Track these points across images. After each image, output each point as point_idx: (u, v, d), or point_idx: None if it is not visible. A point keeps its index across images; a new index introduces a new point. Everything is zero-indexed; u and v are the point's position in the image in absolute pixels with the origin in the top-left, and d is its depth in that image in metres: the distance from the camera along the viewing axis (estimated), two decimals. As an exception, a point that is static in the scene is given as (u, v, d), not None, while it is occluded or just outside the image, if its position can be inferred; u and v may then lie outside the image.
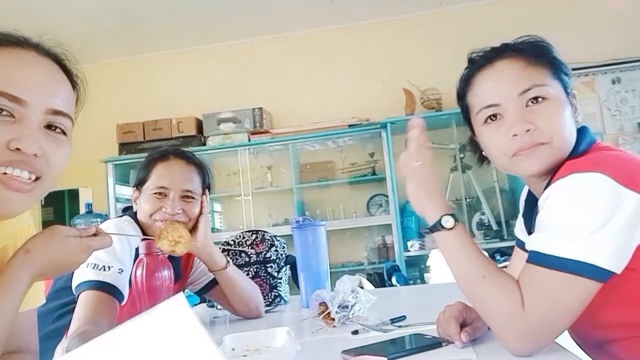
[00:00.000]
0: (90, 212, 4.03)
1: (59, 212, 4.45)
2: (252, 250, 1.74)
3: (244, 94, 4.29)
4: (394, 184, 3.79)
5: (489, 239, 3.71)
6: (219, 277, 1.45)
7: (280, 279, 1.76)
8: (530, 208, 1.02)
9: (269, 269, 1.74)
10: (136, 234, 1.31)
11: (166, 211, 1.32)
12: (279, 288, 1.74)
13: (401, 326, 1.14)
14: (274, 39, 4.42)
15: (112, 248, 1.22)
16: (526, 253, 0.86)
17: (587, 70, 3.87)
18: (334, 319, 1.22)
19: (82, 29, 4.00)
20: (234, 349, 0.97)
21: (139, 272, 1.06)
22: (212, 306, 1.76)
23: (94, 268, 1.19)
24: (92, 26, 3.99)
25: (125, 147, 4.17)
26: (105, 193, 4.18)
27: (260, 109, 4.10)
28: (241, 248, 1.74)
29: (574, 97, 0.97)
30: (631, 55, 3.87)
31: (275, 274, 1.74)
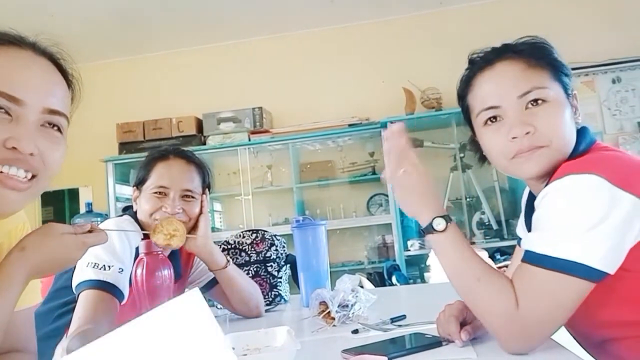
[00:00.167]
0: (90, 212, 4.04)
1: (59, 212, 4.45)
2: (252, 249, 1.74)
3: (244, 94, 4.29)
4: (394, 183, 3.79)
5: (489, 238, 3.71)
6: (219, 277, 1.45)
7: (281, 278, 1.76)
8: (530, 208, 1.02)
9: (269, 268, 1.74)
10: (136, 233, 1.31)
11: (166, 210, 1.32)
12: (279, 287, 1.74)
13: (401, 325, 1.14)
14: (274, 39, 4.42)
15: (113, 247, 1.23)
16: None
17: (587, 70, 3.87)
18: (334, 318, 1.22)
19: (82, 28, 4.00)
20: (234, 348, 0.97)
21: (139, 272, 1.06)
22: (212, 305, 1.76)
23: (94, 267, 1.19)
24: (92, 26, 3.99)
25: (125, 147, 4.18)
26: (105, 192, 4.18)
27: (260, 108, 4.10)
28: (241, 247, 1.75)
29: (575, 98, 0.97)
30: (631, 55, 3.87)
31: (276, 273, 1.74)
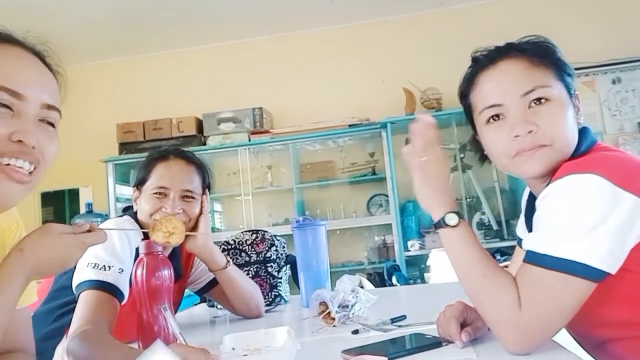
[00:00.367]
0: (90, 212, 4.04)
1: (59, 212, 4.45)
2: (252, 249, 1.74)
3: (244, 94, 4.29)
4: (394, 183, 3.79)
5: (489, 238, 3.71)
6: (219, 277, 1.45)
7: (281, 278, 1.76)
8: (530, 208, 1.02)
9: (269, 269, 1.74)
10: (137, 233, 1.31)
11: (166, 211, 1.32)
12: (279, 288, 1.74)
13: (401, 326, 1.14)
14: (274, 39, 4.42)
15: (113, 247, 1.23)
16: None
17: (587, 70, 3.87)
18: (334, 319, 1.22)
19: (82, 28, 4.00)
20: (234, 348, 0.97)
21: (139, 272, 1.06)
22: (212, 306, 1.76)
23: (94, 267, 1.19)
24: (92, 26, 3.99)
25: (126, 147, 4.17)
26: (106, 193, 4.18)
27: (260, 108, 4.10)
28: (241, 248, 1.75)
29: (577, 98, 0.97)
30: (631, 55, 3.87)
31: (276, 273, 1.74)
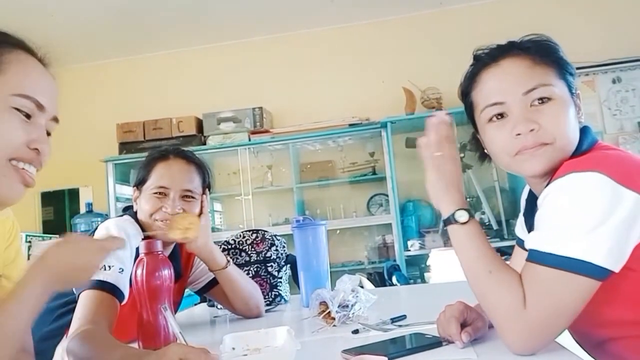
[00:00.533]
0: (90, 212, 4.04)
1: (59, 212, 4.44)
2: (253, 249, 1.74)
3: (244, 94, 4.29)
4: (394, 183, 3.79)
5: (489, 238, 3.59)
6: (219, 277, 1.45)
7: (281, 278, 1.76)
8: (530, 207, 1.02)
9: (269, 269, 1.74)
10: (137, 233, 1.31)
11: (166, 211, 1.33)
12: (279, 287, 1.74)
13: (401, 326, 1.14)
14: (274, 39, 4.42)
15: (113, 247, 1.23)
16: (526, 252, 0.86)
17: (587, 69, 3.87)
18: (334, 319, 1.22)
19: (82, 28, 4.00)
20: (234, 348, 0.98)
21: (139, 272, 1.06)
22: (213, 305, 1.76)
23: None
24: (92, 26, 3.99)
25: (126, 147, 4.17)
26: (106, 192, 4.18)
27: (260, 108, 4.10)
28: (241, 247, 1.75)
29: (578, 97, 0.97)
30: (631, 55, 3.87)
31: (276, 273, 1.74)
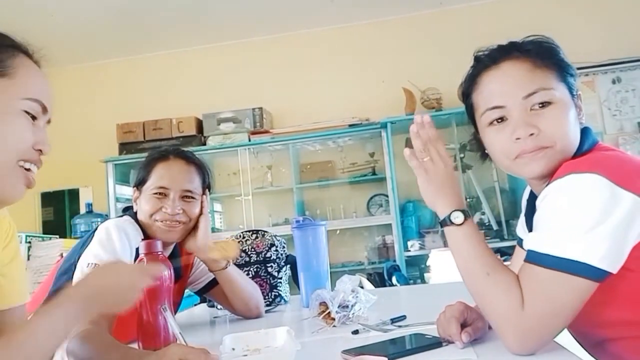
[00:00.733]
0: (90, 212, 4.04)
1: (59, 212, 4.44)
2: (252, 250, 1.74)
3: (244, 94, 4.29)
4: (394, 183, 3.79)
5: (489, 238, 3.70)
6: (219, 277, 1.45)
7: (281, 278, 1.76)
8: (531, 207, 1.02)
9: (269, 269, 1.74)
10: (137, 233, 1.31)
11: (166, 211, 1.32)
12: (279, 288, 1.74)
13: (401, 326, 1.14)
14: (274, 39, 4.42)
15: (113, 247, 1.23)
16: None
17: (587, 70, 3.87)
18: (334, 319, 1.22)
19: (82, 28, 4.00)
20: (234, 348, 0.98)
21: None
22: (212, 306, 1.76)
23: (94, 268, 1.19)
24: (92, 26, 3.99)
25: (126, 147, 4.17)
26: (106, 193, 4.18)
27: (261, 108, 4.10)
28: (241, 248, 1.75)
29: (579, 98, 0.97)
30: (631, 55, 3.87)
31: (276, 273, 1.74)
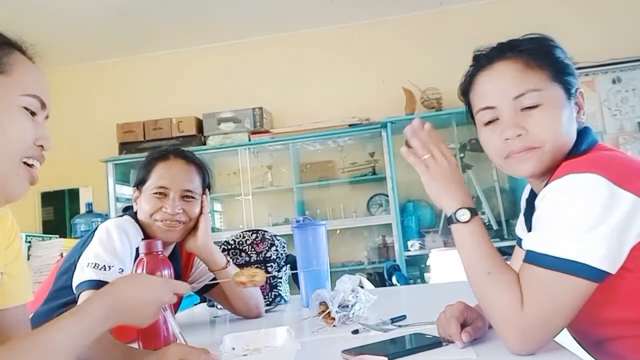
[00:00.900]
0: (90, 212, 4.04)
1: (59, 212, 4.44)
2: (252, 249, 1.74)
3: (244, 94, 4.29)
4: (394, 183, 3.79)
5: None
6: (219, 277, 1.45)
7: (281, 278, 1.76)
8: (530, 207, 1.02)
9: (269, 269, 1.74)
10: (137, 233, 1.31)
11: (166, 211, 1.33)
12: (279, 287, 1.74)
13: (401, 326, 1.14)
14: (274, 39, 4.42)
15: (113, 247, 1.23)
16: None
17: (587, 70, 3.87)
18: (334, 319, 1.22)
19: (82, 28, 4.00)
20: (234, 348, 0.98)
21: (139, 272, 1.06)
22: (212, 306, 1.77)
23: (94, 267, 1.19)
24: (92, 26, 3.99)
25: (126, 147, 4.17)
26: (106, 193, 4.18)
27: (261, 108, 4.10)
28: (241, 248, 1.75)
29: (581, 96, 0.97)
30: (631, 55, 3.87)
31: (276, 273, 1.74)
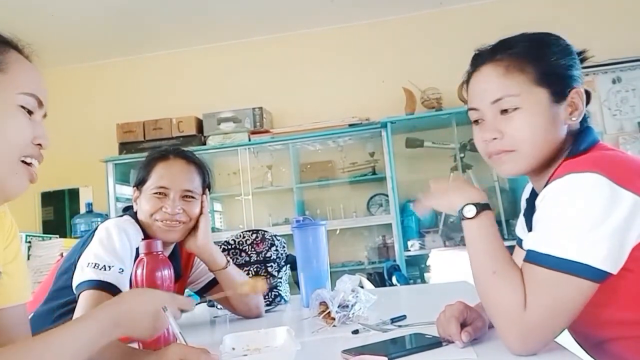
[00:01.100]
0: (90, 212, 4.03)
1: (59, 212, 4.44)
2: (252, 249, 1.74)
3: (244, 94, 4.29)
4: (394, 183, 3.79)
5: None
6: (219, 277, 1.45)
7: (281, 278, 1.76)
8: (531, 207, 1.02)
9: (269, 269, 1.74)
10: (137, 233, 1.31)
11: (166, 211, 1.33)
12: (279, 287, 1.74)
13: (401, 326, 1.14)
14: (274, 39, 4.42)
15: (113, 247, 1.23)
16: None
17: (587, 70, 3.83)
18: (334, 319, 1.22)
19: (82, 28, 4.00)
20: (234, 348, 0.98)
21: (139, 272, 1.06)
22: (212, 306, 1.77)
23: (94, 267, 1.19)
24: (92, 26, 3.99)
25: (126, 147, 4.17)
26: (106, 193, 4.18)
27: (261, 108, 4.10)
28: (241, 248, 1.75)
29: (578, 96, 0.97)
30: (631, 55, 3.87)
31: (276, 273, 1.74)
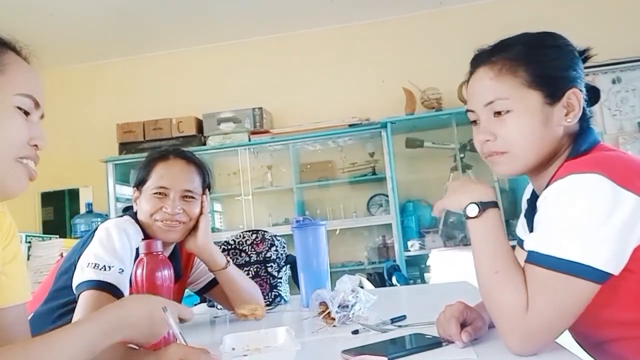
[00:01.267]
0: (90, 212, 4.04)
1: (59, 212, 4.44)
2: (252, 250, 1.74)
3: (244, 94, 4.29)
4: (394, 183, 3.79)
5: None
6: (219, 277, 1.45)
7: (281, 278, 1.76)
8: (531, 207, 1.02)
9: (269, 269, 1.74)
10: (137, 233, 1.31)
11: (166, 211, 1.33)
12: (279, 288, 1.74)
13: (401, 326, 1.14)
14: (274, 38, 4.42)
15: (113, 247, 1.23)
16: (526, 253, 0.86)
17: (587, 70, 3.83)
18: (334, 319, 1.22)
19: (82, 28, 4.00)
20: (234, 348, 0.98)
21: (139, 272, 1.06)
22: (212, 306, 1.76)
23: (94, 268, 1.19)
24: (92, 26, 3.99)
25: (126, 147, 4.17)
26: (106, 193, 4.18)
27: (260, 108, 4.10)
28: (241, 248, 1.75)
29: (574, 96, 0.96)
30: (631, 55, 3.87)
31: (276, 273, 1.74)
